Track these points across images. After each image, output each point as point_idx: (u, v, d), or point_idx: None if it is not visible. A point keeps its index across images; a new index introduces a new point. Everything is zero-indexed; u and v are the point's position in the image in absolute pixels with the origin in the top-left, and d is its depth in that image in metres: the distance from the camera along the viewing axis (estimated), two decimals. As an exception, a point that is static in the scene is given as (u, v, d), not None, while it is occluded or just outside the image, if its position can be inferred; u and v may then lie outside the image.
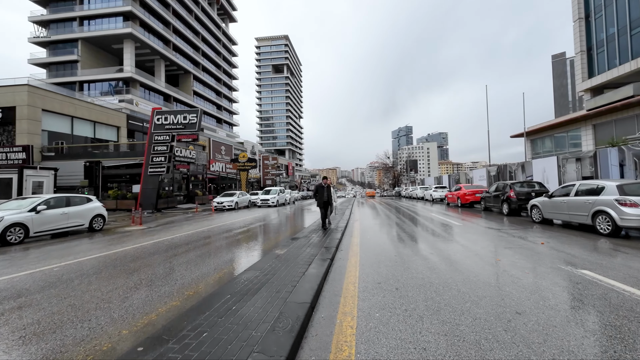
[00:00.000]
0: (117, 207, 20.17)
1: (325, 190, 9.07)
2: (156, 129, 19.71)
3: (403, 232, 8.57)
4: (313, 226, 9.84)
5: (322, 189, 9.06)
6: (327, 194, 9.05)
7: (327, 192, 9.07)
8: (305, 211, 19.07)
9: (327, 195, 9.04)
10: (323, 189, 9.07)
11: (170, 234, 9.38)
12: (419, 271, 4.58)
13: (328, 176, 10.83)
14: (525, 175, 18.94)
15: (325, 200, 8.98)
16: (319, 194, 9.04)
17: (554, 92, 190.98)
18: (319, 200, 9.04)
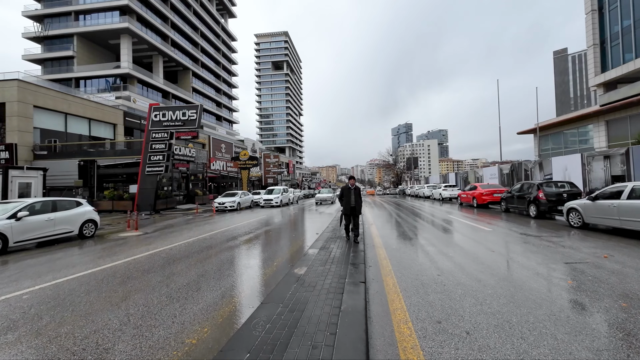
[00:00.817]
0: (113, 208, 19.17)
1: (353, 193, 7.22)
2: (154, 126, 18.68)
3: (430, 240, 7.59)
4: (327, 232, 8.86)
5: (348, 192, 7.26)
6: (354, 198, 7.17)
7: (354, 196, 7.19)
8: (311, 212, 18.09)
9: (354, 200, 7.15)
10: (350, 192, 7.24)
11: (169, 242, 8.39)
12: (479, 300, 3.61)
13: (328, 174, 9.89)
14: (544, 174, 17.97)
15: (352, 205, 7.15)
16: (345, 198, 7.25)
17: (555, 89, 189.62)
18: (345, 206, 7.29)
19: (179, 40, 53.53)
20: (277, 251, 6.83)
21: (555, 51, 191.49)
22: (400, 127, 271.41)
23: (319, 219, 13.56)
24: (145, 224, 13.61)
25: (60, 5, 44.26)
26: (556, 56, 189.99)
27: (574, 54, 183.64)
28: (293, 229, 10.50)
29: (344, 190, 7.38)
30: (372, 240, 7.83)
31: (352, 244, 6.95)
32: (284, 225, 11.65)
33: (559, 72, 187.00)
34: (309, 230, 10.04)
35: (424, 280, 4.44)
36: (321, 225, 11.26)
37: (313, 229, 10.41)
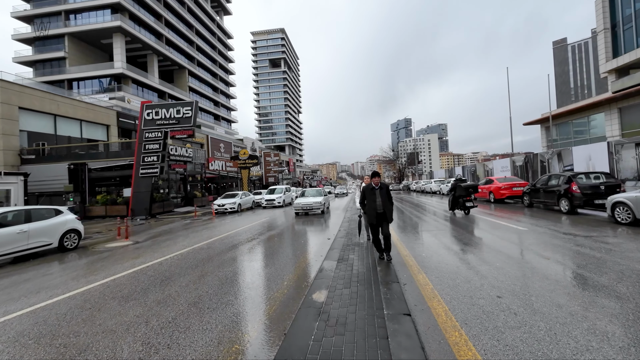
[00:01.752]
0: (106, 213, 18.10)
1: (379, 194, 5.39)
2: (146, 125, 17.55)
3: (463, 245, 6.50)
4: (340, 237, 7.78)
5: (372, 194, 5.41)
6: (382, 201, 5.35)
7: (382, 197, 5.37)
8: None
9: (382, 204, 5.34)
10: (375, 194, 5.39)
11: (160, 253, 7.31)
12: (589, 346, 2.53)
13: (329, 172, 8.92)
14: (563, 165, 16.86)
15: (380, 211, 5.34)
16: (369, 203, 5.45)
17: (555, 79, 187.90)
18: (369, 212, 5.44)
19: (174, 39, 52.26)
20: (285, 264, 5.74)
21: (554, 41, 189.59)
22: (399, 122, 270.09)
23: (327, 221, 12.47)
24: (138, 230, 12.55)
25: (49, 5, 42.99)
26: (556, 46, 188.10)
27: (574, 43, 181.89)
28: (300, 234, 9.41)
29: (366, 191, 5.51)
30: (395, 244, 6.74)
31: (368, 249, 5.89)
32: (290, 229, 10.56)
33: (558, 63, 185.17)
34: (318, 234, 8.95)
35: (484, 307, 3.36)
36: (331, 227, 10.17)
37: (323, 232, 9.32)
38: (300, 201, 15.00)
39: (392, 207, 5.55)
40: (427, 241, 7.09)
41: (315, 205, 14.42)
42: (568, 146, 26.83)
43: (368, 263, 5.17)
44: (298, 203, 14.77)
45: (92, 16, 43.02)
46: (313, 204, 14.43)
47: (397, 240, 7.34)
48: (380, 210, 5.37)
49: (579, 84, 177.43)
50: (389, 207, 5.39)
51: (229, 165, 33.94)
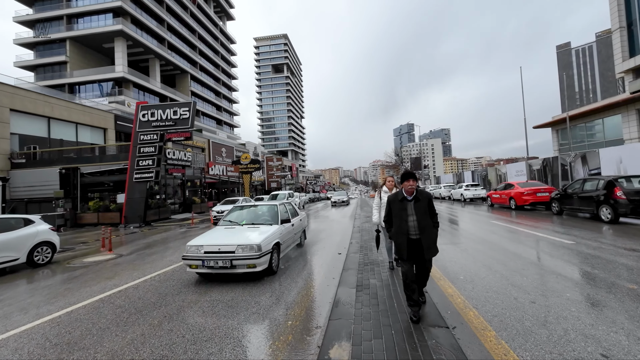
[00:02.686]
0: (98, 221, 17.05)
1: (413, 209, 3.35)
2: (141, 126, 16.57)
3: (509, 263, 5.29)
4: (353, 251, 6.61)
5: (401, 208, 3.42)
6: (415, 219, 3.31)
7: (416, 214, 3.32)
8: (323, 219, 15.84)
9: (416, 225, 3.29)
10: (405, 207, 3.39)
11: (141, 272, 6.17)
12: None
13: (331, 177, 9.59)
14: (588, 168, 15.61)
15: (415, 237, 3.28)
16: (397, 219, 3.44)
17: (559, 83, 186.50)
18: (397, 237, 3.42)
19: (176, 43, 51.90)
20: (288, 292, 4.56)
21: (558, 45, 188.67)
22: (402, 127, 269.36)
23: (335, 229, 11.29)
24: (128, 240, 11.44)
25: (51, 9, 42.78)
26: (559, 50, 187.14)
27: (578, 47, 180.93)
28: (306, 246, 8.22)
29: (392, 203, 3.52)
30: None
31: (396, 273, 4.70)
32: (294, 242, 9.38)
33: (562, 67, 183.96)
34: (327, 248, 7.77)
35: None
36: (341, 238, 8.98)
37: (332, 245, 8.13)
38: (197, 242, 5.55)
39: (437, 232, 3.42)
40: (458, 257, 5.88)
41: None
42: (581, 149, 25.55)
43: (396, 290, 3.99)
44: None
45: (93, 20, 42.73)
46: None
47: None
48: (415, 235, 3.24)
49: (584, 88, 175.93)
50: (429, 232, 3.23)
51: (230, 170, 32.91)
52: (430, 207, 3.39)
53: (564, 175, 17.44)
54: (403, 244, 3.30)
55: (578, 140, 30.87)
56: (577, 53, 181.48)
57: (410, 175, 3.42)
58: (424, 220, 3.30)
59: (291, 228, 6.72)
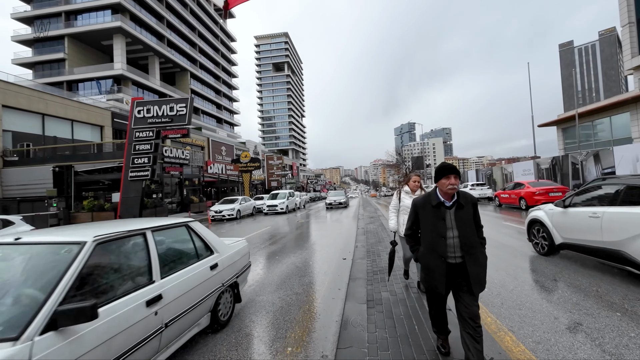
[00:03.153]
0: (92, 220, 16.49)
1: (453, 219, 2.27)
2: (137, 123, 15.97)
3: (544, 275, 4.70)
4: (359, 256, 6.03)
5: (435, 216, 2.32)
6: (458, 235, 2.24)
7: (458, 227, 2.25)
8: (324, 220, 15.27)
9: (457, 242, 2.23)
10: (441, 216, 2.29)
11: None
12: None
13: (332, 176, 9.51)
14: (601, 167, 15.00)
15: (455, 261, 2.23)
16: (427, 234, 2.36)
17: (562, 82, 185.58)
18: (427, 259, 2.34)
19: (176, 41, 51.31)
20: (289, 307, 3.98)
21: (560, 44, 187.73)
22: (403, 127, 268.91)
23: (337, 231, 10.72)
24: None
25: (50, 5, 42.24)
26: (562, 49, 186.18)
27: (580, 46, 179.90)
28: (306, 251, 7.65)
29: (422, 210, 2.42)
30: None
31: (409, 284, 4.11)
32: (293, 243, 8.81)
33: (565, 66, 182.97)
34: (330, 253, 7.19)
35: None
36: (345, 240, 8.40)
37: (336, 249, 7.56)
38: None
39: (485, 252, 2.32)
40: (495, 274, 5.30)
41: None
42: (587, 148, 24.90)
43: (414, 307, 3.42)
44: None
45: (92, 17, 42.19)
46: None
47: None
48: (455, 258, 2.24)
49: (586, 87, 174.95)
50: (478, 254, 2.23)
51: (230, 169, 32.35)
52: (476, 216, 2.33)
53: (574, 174, 16.82)
54: (438, 271, 2.23)
55: (583, 140, 30.27)
56: (580, 52, 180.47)
57: (451, 170, 2.23)
58: (470, 236, 2.22)
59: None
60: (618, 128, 27.09)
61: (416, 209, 2.49)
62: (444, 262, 2.23)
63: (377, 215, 15.48)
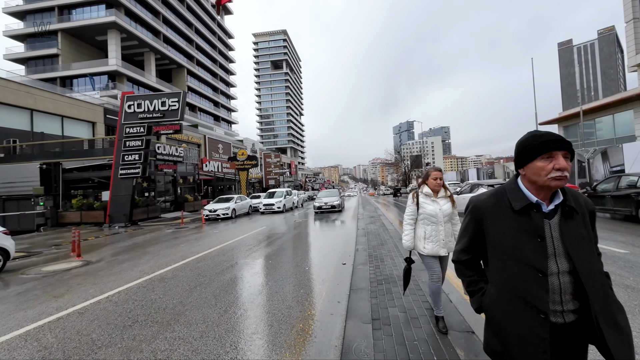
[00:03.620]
0: (81, 220, 15.87)
1: (559, 232, 1.20)
2: (127, 118, 15.35)
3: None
4: (360, 262, 5.45)
5: (528, 233, 1.21)
6: (571, 267, 1.17)
7: (572, 247, 1.17)
8: (322, 220, 14.69)
9: (570, 278, 1.18)
10: (537, 230, 1.20)
11: (100, 287, 5.00)
12: None
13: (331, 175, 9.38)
14: (609, 165, 14.48)
15: (566, 318, 1.18)
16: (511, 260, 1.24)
17: (561, 81, 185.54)
18: (512, 314, 1.22)
19: (172, 37, 50.47)
20: (279, 325, 3.39)
21: (559, 43, 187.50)
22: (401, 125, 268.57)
23: (336, 232, 10.13)
24: (107, 242, 10.28)
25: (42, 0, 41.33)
26: (561, 48, 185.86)
27: (579, 45, 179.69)
28: (303, 254, 7.06)
29: (486, 211, 1.34)
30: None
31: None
32: (289, 245, 8.22)
33: (564, 64, 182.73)
34: (328, 256, 6.60)
35: None
36: (344, 243, 7.81)
37: (334, 252, 6.97)
38: None
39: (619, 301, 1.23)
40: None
41: None
42: (589, 146, 24.38)
43: (430, 332, 2.83)
44: None
45: (86, 12, 41.34)
46: None
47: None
48: (563, 315, 1.19)
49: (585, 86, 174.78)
50: (611, 305, 1.17)
51: (226, 167, 31.68)
52: (594, 234, 1.30)
53: (581, 172, 16.30)
54: (533, 342, 1.16)
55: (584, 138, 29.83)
56: (579, 50, 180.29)
57: (560, 144, 1.19)
58: (592, 270, 1.20)
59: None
60: (621, 126, 26.63)
61: (479, 217, 1.37)
62: (545, 323, 1.15)
63: (378, 214, 14.90)
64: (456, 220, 3.04)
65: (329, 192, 19.43)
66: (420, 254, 3.03)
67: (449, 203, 3.00)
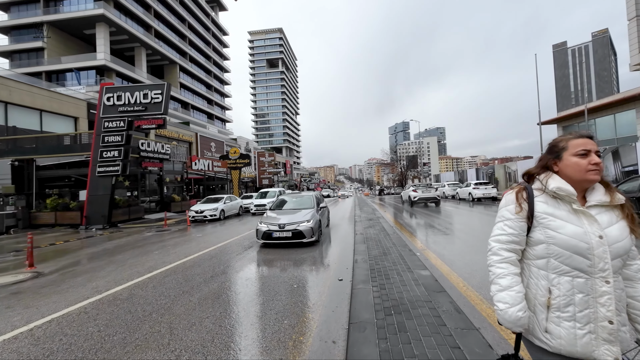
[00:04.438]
0: (56, 221, 14.64)
1: None
2: (106, 112, 14.18)
3: None
4: (361, 279, 4.46)
5: None
6: None
7: None
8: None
9: None
10: None
11: (27, 315, 3.93)
12: None
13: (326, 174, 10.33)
14: (621, 165, 13.71)
15: None
16: None
17: (555, 83, 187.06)
18: None
19: (164, 32, 49.04)
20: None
21: (554, 44, 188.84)
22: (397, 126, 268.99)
23: (331, 237, 9.12)
24: (76, 247, 9.14)
25: (28, -9, 39.75)
26: (555, 50, 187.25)
27: (574, 47, 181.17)
28: (293, 266, 6.02)
29: None
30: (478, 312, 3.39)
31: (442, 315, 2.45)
32: (278, 254, 7.18)
33: (558, 66, 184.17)
34: (320, 269, 5.60)
35: None
36: (340, 251, 6.79)
37: (329, 261, 5.96)
38: None
39: None
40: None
41: None
42: None
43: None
44: None
45: (73, 4, 39.81)
46: None
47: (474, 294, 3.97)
48: None
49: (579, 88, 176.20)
50: None
51: (217, 165, 30.50)
52: None
53: (588, 172, 15.54)
54: None
55: (586, 138, 29.29)
56: (574, 52, 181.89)
57: None
58: None
59: None
60: (623, 126, 26.14)
61: None
62: None
63: (376, 216, 13.94)
64: None
65: (296, 199, 9.84)
66: (533, 346, 1.33)
67: (621, 222, 1.27)
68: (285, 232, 7.39)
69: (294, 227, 7.42)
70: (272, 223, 7.64)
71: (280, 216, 8.09)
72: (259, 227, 7.72)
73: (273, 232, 7.45)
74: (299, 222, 7.52)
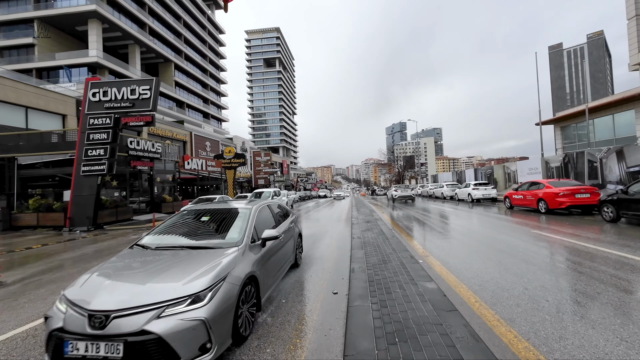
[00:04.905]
0: (38, 223, 13.93)
1: None
2: (91, 108, 13.51)
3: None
4: (358, 292, 3.92)
5: None
6: None
7: None
8: (312, 222, 13.10)
9: None
10: None
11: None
12: None
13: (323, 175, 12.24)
14: (626, 165, 13.29)
15: None
16: None
17: (551, 84, 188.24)
18: None
19: (159, 29, 48.26)
20: None
21: (550, 46, 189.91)
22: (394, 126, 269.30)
23: (326, 241, 8.56)
24: (52, 252, 8.50)
25: (17, -15, 38.81)
26: (551, 51, 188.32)
27: (569, 48, 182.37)
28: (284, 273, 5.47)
29: None
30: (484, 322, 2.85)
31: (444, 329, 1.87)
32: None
33: (554, 67, 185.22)
34: (314, 277, 5.04)
35: None
36: (336, 258, 6.24)
37: (323, 269, 5.40)
38: None
39: None
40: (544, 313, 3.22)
41: None
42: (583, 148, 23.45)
43: None
44: None
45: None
46: None
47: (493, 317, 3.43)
48: None
49: (574, 89, 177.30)
50: None
51: (211, 165, 29.82)
52: None
53: (591, 172, 15.11)
54: None
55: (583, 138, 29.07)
56: (569, 54, 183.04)
57: None
58: None
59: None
60: (621, 127, 25.90)
61: None
62: None
63: (374, 218, 13.40)
64: None
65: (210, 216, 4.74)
66: None
67: None
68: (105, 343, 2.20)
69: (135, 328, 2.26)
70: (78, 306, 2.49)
71: (120, 282, 2.85)
72: (50, 312, 2.65)
73: (70, 338, 2.29)
74: (158, 305, 2.42)
